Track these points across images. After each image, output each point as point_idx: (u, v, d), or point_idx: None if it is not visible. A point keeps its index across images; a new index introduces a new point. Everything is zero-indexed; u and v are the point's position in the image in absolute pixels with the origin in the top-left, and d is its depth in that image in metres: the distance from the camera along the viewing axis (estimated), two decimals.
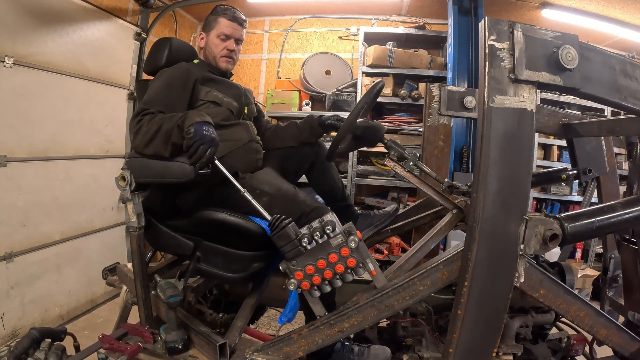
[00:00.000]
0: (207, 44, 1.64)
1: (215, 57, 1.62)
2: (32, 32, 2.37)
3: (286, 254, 1.09)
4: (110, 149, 3.10)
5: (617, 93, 0.95)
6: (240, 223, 1.31)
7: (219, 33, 1.60)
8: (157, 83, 1.46)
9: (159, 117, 1.28)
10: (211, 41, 1.62)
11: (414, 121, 3.67)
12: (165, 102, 1.37)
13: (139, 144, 1.28)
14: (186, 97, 1.46)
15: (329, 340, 1.12)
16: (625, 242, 1.47)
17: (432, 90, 1.71)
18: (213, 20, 1.62)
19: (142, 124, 1.28)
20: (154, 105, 1.34)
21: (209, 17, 1.64)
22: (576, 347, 1.40)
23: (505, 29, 0.88)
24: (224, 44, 1.61)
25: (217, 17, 1.62)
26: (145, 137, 1.26)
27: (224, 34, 1.60)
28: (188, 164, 1.21)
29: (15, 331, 2.33)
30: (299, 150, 1.71)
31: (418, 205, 1.84)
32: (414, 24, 3.85)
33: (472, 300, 0.97)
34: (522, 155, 0.93)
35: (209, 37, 1.63)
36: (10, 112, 2.28)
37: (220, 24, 1.60)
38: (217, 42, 1.61)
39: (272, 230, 1.11)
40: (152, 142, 1.25)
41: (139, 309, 1.40)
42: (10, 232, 2.33)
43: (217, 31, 1.60)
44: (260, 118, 1.83)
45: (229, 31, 1.61)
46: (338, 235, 1.07)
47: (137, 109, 1.35)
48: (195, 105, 1.49)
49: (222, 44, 1.61)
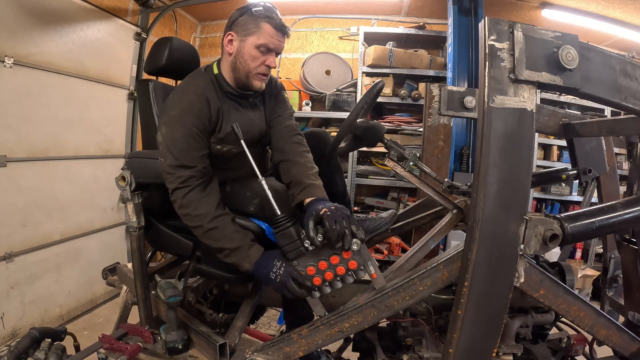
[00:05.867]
0: (241, 52, 1.26)
1: (249, 73, 1.27)
2: (32, 32, 2.37)
3: (288, 254, 1.09)
4: (110, 149, 3.10)
5: (617, 93, 0.95)
6: (239, 223, 1.30)
7: (261, 44, 1.24)
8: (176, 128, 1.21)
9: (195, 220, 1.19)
10: (247, 51, 1.25)
11: (414, 121, 3.67)
12: (190, 162, 1.20)
13: (194, 228, 1.20)
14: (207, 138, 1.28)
15: (329, 340, 1.12)
16: (625, 242, 1.47)
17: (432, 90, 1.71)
18: (252, 23, 1.24)
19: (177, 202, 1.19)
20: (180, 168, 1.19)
21: (246, 16, 1.26)
22: (576, 347, 1.40)
23: (505, 29, 0.88)
24: (264, 58, 1.26)
25: (258, 20, 1.24)
26: (199, 229, 1.19)
27: (267, 46, 1.25)
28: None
29: (15, 331, 2.33)
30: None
31: (418, 205, 1.84)
32: (414, 24, 3.85)
33: (472, 300, 0.96)
34: (522, 155, 0.92)
35: (245, 45, 1.25)
36: (10, 112, 2.29)
37: (263, 31, 1.24)
38: (255, 54, 1.25)
39: (275, 228, 1.11)
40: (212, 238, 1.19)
41: (139, 309, 1.40)
42: (10, 232, 2.33)
43: (259, 40, 1.24)
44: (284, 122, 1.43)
45: (274, 43, 1.26)
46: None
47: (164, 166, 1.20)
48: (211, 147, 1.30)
49: (261, 58, 1.26)
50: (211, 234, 1.18)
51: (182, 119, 1.21)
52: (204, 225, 1.18)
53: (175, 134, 1.21)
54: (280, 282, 1.11)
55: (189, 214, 1.19)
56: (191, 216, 1.19)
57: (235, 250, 1.17)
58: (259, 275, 1.15)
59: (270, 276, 1.12)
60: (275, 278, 1.12)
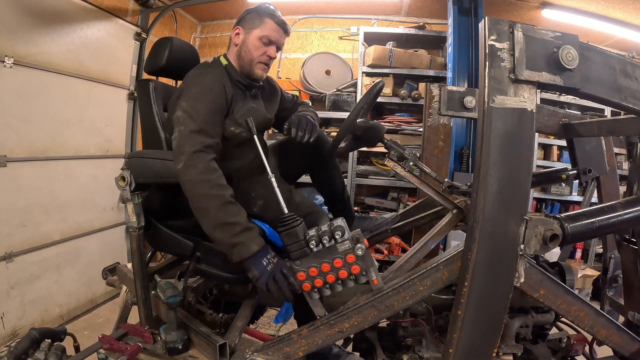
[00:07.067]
0: (245, 43, 1.43)
1: (252, 61, 1.43)
2: (32, 32, 2.37)
3: (291, 253, 1.09)
4: (110, 149, 3.10)
5: (617, 93, 0.95)
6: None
7: (263, 35, 1.42)
8: (198, 101, 1.28)
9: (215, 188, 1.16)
10: (251, 42, 1.42)
11: (414, 121, 3.67)
12: (212, 132, 1.25)
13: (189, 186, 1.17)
14: (223, 119, 1.35)
15: (329, 340, 1.12)
16: (625, 242, 1.47)
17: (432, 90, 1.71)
18: (257, 18, 1.43)
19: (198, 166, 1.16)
20: (203, 133, 1.22)
21: (252, 13, 1.45)
22: (576, 347, 1.40)
23: (506, 29, 0.88)
24: (265, 49, 1.43)
25: (262, 16, 1.43)
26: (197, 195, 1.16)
27: (268, 38, 1.42)
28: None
29: (15, 331, 2.33)
30: (298, 149, 1.69)
31: (418, 205, 1.84)
32: (414, 24, 3.85)
33: (472, 300, 0.97)
34: (522, 155, 0.93)
35: (249, 37, 1.42)
36: (10, 112, 2.29)
37: (266, 25, 1.42)
38: (258, 45, 1.42)
39: (281, 226, 1.11)
40: (201, 206, 1.16)
41: (139, 309, 1.40)
42: (10, 232, 2.33)
43: (262, 32, 1.41)
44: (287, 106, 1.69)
45: (275, 37, 1.44)
46: (346, 242, 1.07)
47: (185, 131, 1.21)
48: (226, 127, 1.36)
49: (263, 48, 1.43)
50: (229, 208, 1.16)
51: (204, 95, 1.30)
52: (225, 196, 1.16)
53: (198, 105, 1.26)
54: (271, 271, 1.11)
55: (209, 181, 1.16)
56: (212, 184, 1.16)
57: (248, 230, 1.15)
58: (256, 261, 1.13)
59: (262, 262, 1.12)
60: (267, 265, 1.12)
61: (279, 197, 1.14)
